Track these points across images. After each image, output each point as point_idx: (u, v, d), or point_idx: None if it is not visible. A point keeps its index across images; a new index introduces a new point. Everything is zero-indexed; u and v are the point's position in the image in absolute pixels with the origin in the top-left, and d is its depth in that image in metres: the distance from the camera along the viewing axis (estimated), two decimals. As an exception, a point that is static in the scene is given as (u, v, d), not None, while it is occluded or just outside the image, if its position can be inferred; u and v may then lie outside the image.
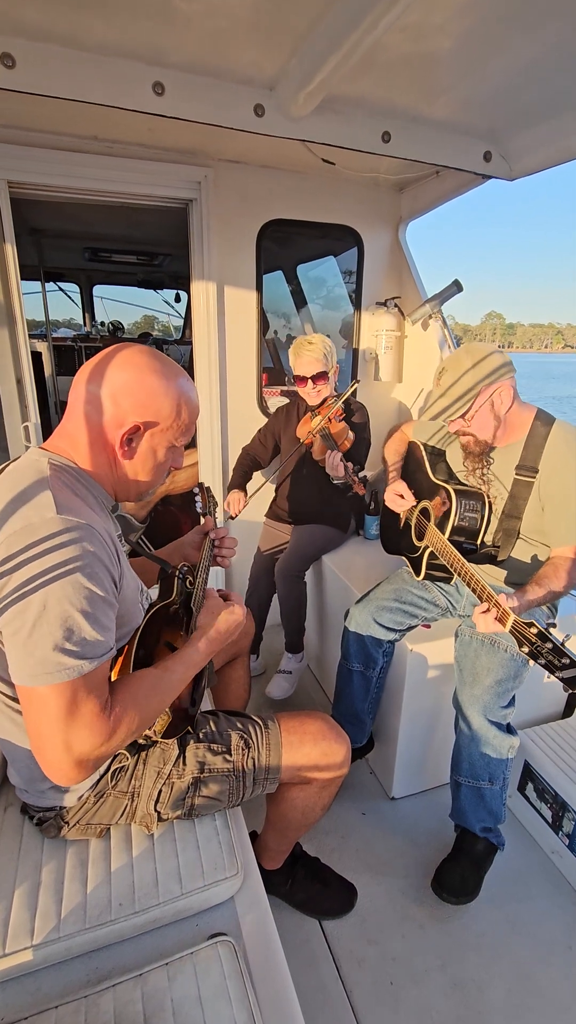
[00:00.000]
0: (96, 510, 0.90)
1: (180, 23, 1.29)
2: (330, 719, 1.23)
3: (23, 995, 0.87)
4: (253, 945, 0.95)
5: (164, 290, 5.20)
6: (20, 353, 2.12)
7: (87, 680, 0.78)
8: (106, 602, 0.82)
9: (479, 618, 1.23)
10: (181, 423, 0.94)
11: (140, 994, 0.83)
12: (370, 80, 1.53)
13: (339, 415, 2.10)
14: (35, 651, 0.75)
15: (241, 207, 2.29)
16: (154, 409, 0.90)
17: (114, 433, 0.90)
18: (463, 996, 1.29)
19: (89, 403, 0.89)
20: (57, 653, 0.75)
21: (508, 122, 1.77)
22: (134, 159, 2.07)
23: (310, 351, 2.07)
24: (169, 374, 0.91)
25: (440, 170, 2.19)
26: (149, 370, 0.89)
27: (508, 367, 1.42)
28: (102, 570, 0.82)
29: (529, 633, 1.10)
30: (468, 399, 1.41)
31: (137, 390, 0.89)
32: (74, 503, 0.83)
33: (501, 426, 1.47)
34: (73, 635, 0.76)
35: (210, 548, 1.28)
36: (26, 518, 0.78)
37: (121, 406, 0.89)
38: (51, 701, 0.75)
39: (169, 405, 0.91)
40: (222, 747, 1.12)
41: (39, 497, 0.80)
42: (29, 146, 1.93)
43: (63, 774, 0.79)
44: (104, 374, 0.88)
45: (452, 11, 1.22)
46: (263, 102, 1.59)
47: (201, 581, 1.15)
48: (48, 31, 1.32)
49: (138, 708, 0.85)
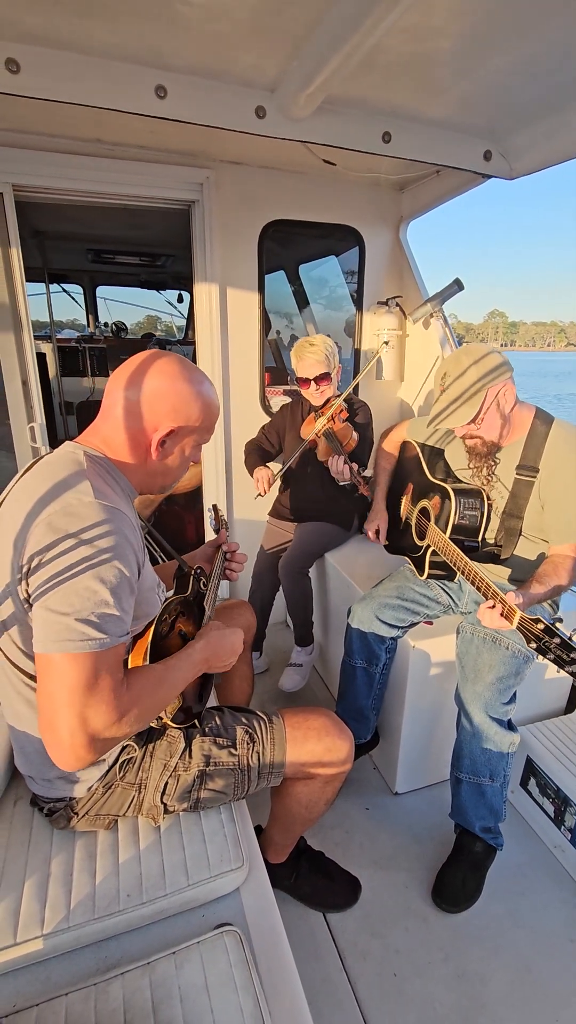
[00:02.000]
0: (123, 499, 0.97)
1: (181, 27, 1.31)
2: (334, 715, 1.24)
3: (34, 983, 0.89)
4: (258, 935, 0.97)
5: (167, 291, 5.22)
6: (25, 354, 2.14)
7: (107, 655, 0.81)
8: (130, 585, 0.87)
9: (484, 613, 1.24)
10: (207, 424, 1.03)
11: (148, 982, 0.85)
12: (370, 81, 1.54)
13: (343, 415, 2.11)
14: (62, 619, 0.78)
15: (243, 208, 2.31)
16: (185, 414, 0.98)
17: (150, 436, 0.98)
18: (466, 988, 1.30)
19: (126, 408, 0.96)
20: (82, 624, 0.79)
21: (507, 121, 1.78)
22: (136, 161, 2.09)
23: (312, 352, 2.08)
24: (196, 380, 1.00)
25: (440, 169, 2.20)
26: (181, 378, 0.97)
27: (508, 365, 1.43)
28: (131, 553, 0.87)
29: (536, 629, 1.11)
30: (475, 402, 1.41)
31: (171, 396, 0.96)
32: (107, 491, 0.90)
33: (506, 425, 1.48)
34: (99, 609, 0.80)
35: (222, 560, 1.37)
36: (65, 501, 0.84)
37: (157, 412, 0.96)
38: (72, 671, 0.78)
39: (198, 409, 0.99)
40: (227, 741, 1.14)
41: (78, 484, 0.87)
42: (33, 150, 1.96)
43: (73, 752, 0.79)
44: (140, 381, 0.96)
45: (450, 12, 1.23)
46: (264, 104, 1.61)
47: (213, 587, 1.22)
48: (52, 37, 1.34)
49: (147, 697, 0.87)
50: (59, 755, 0.80)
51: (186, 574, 1.19)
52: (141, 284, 5.14)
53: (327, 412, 2.09)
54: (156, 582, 1.12)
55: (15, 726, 1.00)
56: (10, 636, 0.91)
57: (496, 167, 1.94)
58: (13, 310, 2.09)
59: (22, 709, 0.97)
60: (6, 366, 2.14)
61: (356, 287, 2.68)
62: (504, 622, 1.20)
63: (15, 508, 0.87)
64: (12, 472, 2.35)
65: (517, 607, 1.18)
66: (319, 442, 2.11)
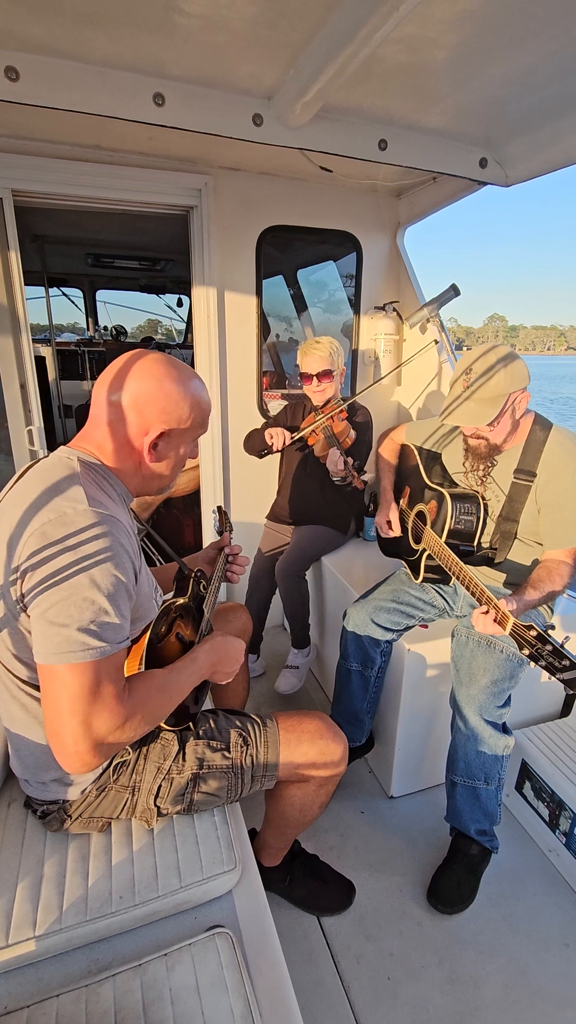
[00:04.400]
0: (119, 504, 0.96)
1: (180, 37, 1.32)
2: (327, 718, 1.25)
3: (25, 984, 0.89)
4: (251, 937, 0.97)
5: (166, 295, 5.24)
6: (24, 358, 2.15)
7: (108, 663, 0.81)
8: (127, 591, 0.87)
9: (478, 619, 1.25)
10: (199, 421, 1.02)
11: (139, 983, 0.85)
12: (366, 90, 1.56)
13: (342, 415, 2.12)
14: (62, 630, 0.79)
15: (241, 214, 2.33)
16: (176, 415, 0.97)
17: (141, 440, 0.97)
18: (460, 992, 1.30)
19: (114, 413, 0.95)
20: (82, 634, 0.79)
21: (503, 129, 1.80)
22: (135, 167, 2.11)
23: (317, 349, 2.13)
24: (184, 379, 0.98)
25: (437, 176, 2.22)
26: (168, 378, 0.96)
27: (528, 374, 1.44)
28: (127, 560, 0.87)
29: (529, 636, 1.11)
30: (497, 404, 1.41)
31: (159, 398, 0.95)
32: (102, 497, 0.90)
33: (513, 430, 1.49)
34: (98, 618, 0.80)
35: (224, 563, 1.37)
36: (59, 509, 0.84)
37: (146, 415, 0.95)
38: (74, 680, 0.79)
39: (188, 408, 0.98)
40: (221, 744, 1.14)
41: (71, 490, 0.86)
42: (32, 155, 1.97)
43: (79, 757, 0.80)
44: (125, 385, 0.94)
45: (446, 23, 1.25)
46: (261, 112, 1.62)
47: (214, 589, 1.22)
48: (52, 46, 1.35)
49: (148, 703, 0.88)
50: (66, 761, 0.81)
51: (186, 577, 1.19)
52: (141, 288, 5.16)
53: (327, 411, 2.12)
54: (153, 586, 1.12)
55: (10, 728, 1.01)
56: (2, 640, 0.92)
57: (492, 174, 1.96)
58: (12, 314, 2.10)
59: (16, 712, 0.97)
60: (4, 369, 2.15)
61: (354, 292, 2.69)
62: (497, 628, 1.21)
63: (9, 515, 0.88)
64: (10, 475, 2.37)
65: (511, 613, 1.19)
66: (318, 440, 2.12)
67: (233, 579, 1.39)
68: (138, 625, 1.00)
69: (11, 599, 0.86)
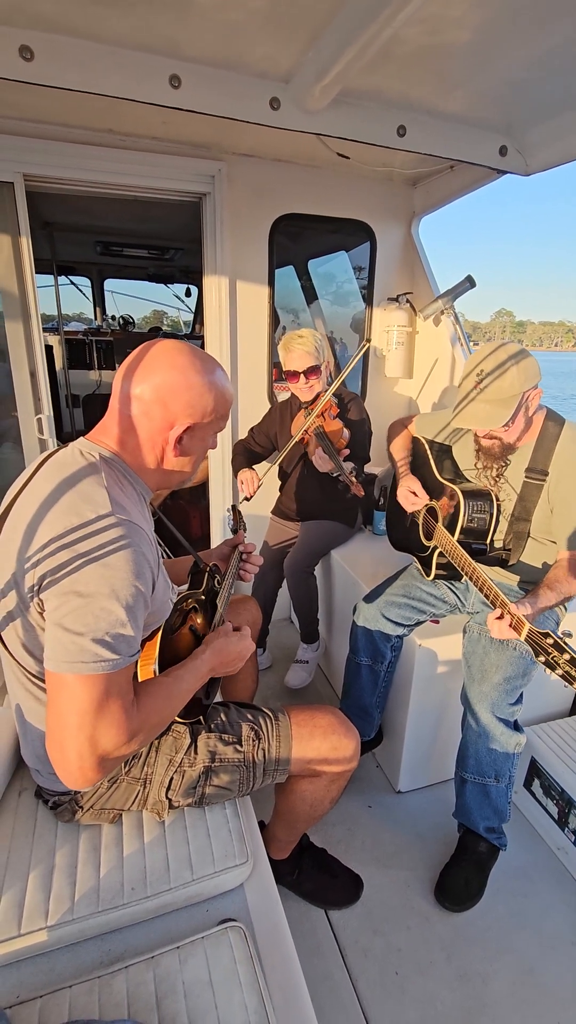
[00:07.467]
0: (138, 503, 0.93)
1: (196, 16, 1.29)
2: (340, 713, 1.24)
3: (37, 975, 0.89)
4: (263, 931, 0.97)
5: (174, 284, 5.20)
6: (34, 346, 2.13)
7: (119, 676, 0.79)
8: (145, 601, 0.84)
9: (493, 623, 1.23)
10: (222, 413, 0.98)
11: (152, 976, 0.85)
12: (386, 73, 1.52)
13: (333, 411, 2.05)
14: (76, 639, 0.76)
15: (254, 201, 2.29)
16: (201, 408, 0.93)
17: (165, 435, 0.93)
18: (468, 988, 1.30)
19: (137, 407, 0.91)
20: (96, 644, 0.76)
21: (525, 116, 1.76)
22: (148, 152, 2.07)
23: (301, 344, 1.99)
24: (208, 370, 0.94)
25: (454, 165, 2.18)
26: (192, 369, 0.91)
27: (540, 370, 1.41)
28: (147, 570, 0.84)
29: (545, 643, 1.09)
30: (511, 404, 1.37)
31: (184, 391, 0.91)
32: (123, 500, 0.86)
33: (526, 428, 1.47)
34: (114, 629, 0.77)
35: (238, 560, 1.36)
36: (82, 513, 0.81)
37: (171, 409, 0.91)
38: (83, 693, 0.76)
39: (212, 401, 0.94)
40: (233, 737, 1.13)
41: (94, 493, 0.83)
42: (45, 139, 1.94)
43: (82, 774, 0.77)
44: (148, 377, 0.90)
45: (469, 3, 1.21)
46: (279, 95, 1.59)
47: (227, 585, 1.20)
48: (65, 24, 1.32)
49: (155, 714, 0.86)
50: (67, 775, 0.78)
51: (201, 570, 1.19)
52: (149, 277, 5.12)
53: (315, 409, 2.02)
54: (170, 586, 1.09)
55: (22, 717, 1.00)
56: (14, 630, 0.90)
57: (512, 163, 1.91)
58: (23, 302, 2.08)
59: (29, 702, 0.96)
60: (15, 357, 2.13)
61: (366, 282, 2.66)
62: (513, 633, 1.19)
63: (26, 509, 0.85)
64: (19, 463, 2.36)
65: (525, 618, 1.17)
66: (310, 440, 2.06)
67: (245, 577, 1.38)
68: (152, 626, 0.98)
69: (23, 590, 0.84)
